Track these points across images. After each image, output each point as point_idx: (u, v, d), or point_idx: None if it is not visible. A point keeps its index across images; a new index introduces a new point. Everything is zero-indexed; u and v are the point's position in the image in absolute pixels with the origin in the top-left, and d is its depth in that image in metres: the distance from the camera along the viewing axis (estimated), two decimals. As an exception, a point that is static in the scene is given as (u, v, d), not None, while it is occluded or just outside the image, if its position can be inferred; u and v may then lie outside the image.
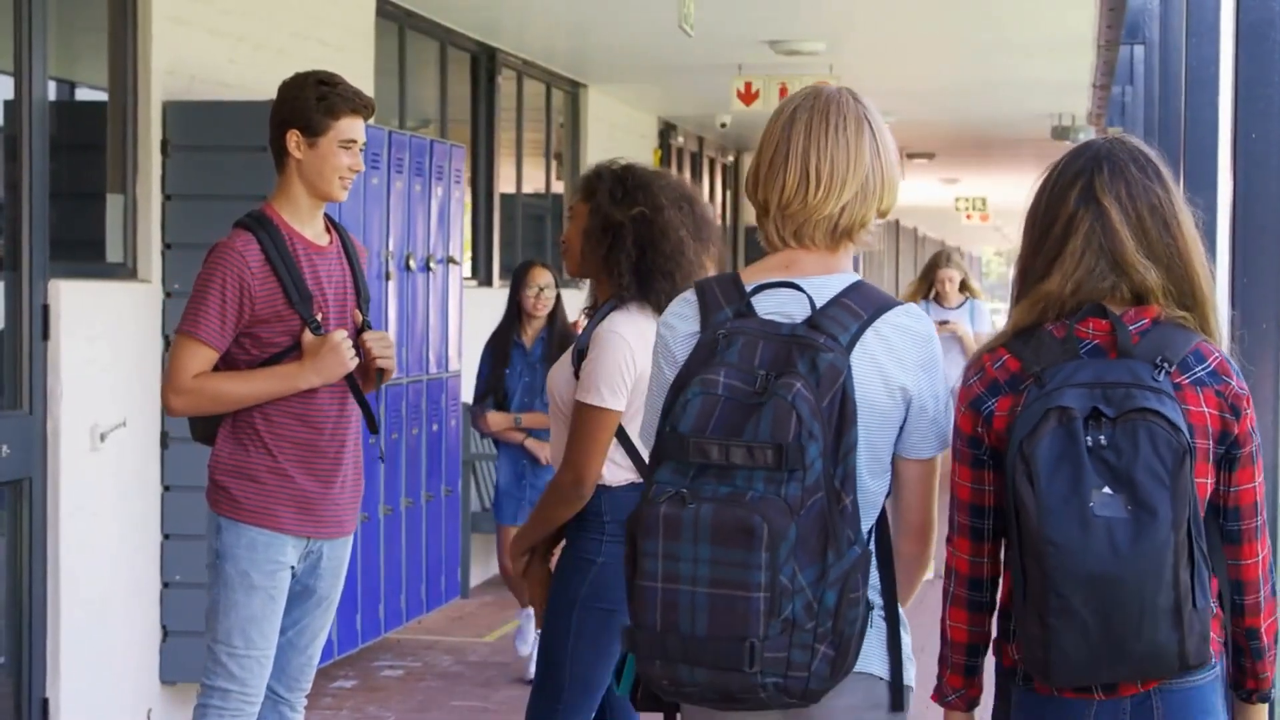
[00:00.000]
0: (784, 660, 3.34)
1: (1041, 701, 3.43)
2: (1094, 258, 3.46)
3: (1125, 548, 3.22)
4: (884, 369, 3.56)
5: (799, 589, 3.34)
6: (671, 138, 18.96)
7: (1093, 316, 3.45)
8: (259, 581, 5.40)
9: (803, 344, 3.46)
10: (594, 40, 13.47)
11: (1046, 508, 3.26)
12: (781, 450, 3.35)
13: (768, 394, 3.39)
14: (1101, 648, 3.26)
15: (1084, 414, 3.30)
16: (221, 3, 8.64)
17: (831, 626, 3.36)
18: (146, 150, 8.09)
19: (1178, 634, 3.24)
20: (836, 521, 3.38)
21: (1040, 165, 3.74)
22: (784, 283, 3.59)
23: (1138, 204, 3.50)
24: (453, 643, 10.46)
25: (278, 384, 5.40)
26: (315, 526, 5.49)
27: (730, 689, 3.37)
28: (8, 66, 7.24)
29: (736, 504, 3.34)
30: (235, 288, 5.34)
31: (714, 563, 3.34)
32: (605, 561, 5.34)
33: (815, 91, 3.66)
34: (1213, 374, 3.43)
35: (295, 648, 5.62)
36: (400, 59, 11.47)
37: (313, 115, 5.44)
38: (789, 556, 3.33)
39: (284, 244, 5.42)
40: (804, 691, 3.37)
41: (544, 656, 5.41)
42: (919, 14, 12.26)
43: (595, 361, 5.26)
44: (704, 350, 3.52)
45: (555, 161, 15.44)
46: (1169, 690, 3.37)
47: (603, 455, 5.28)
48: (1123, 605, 3.23)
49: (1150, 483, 3.24)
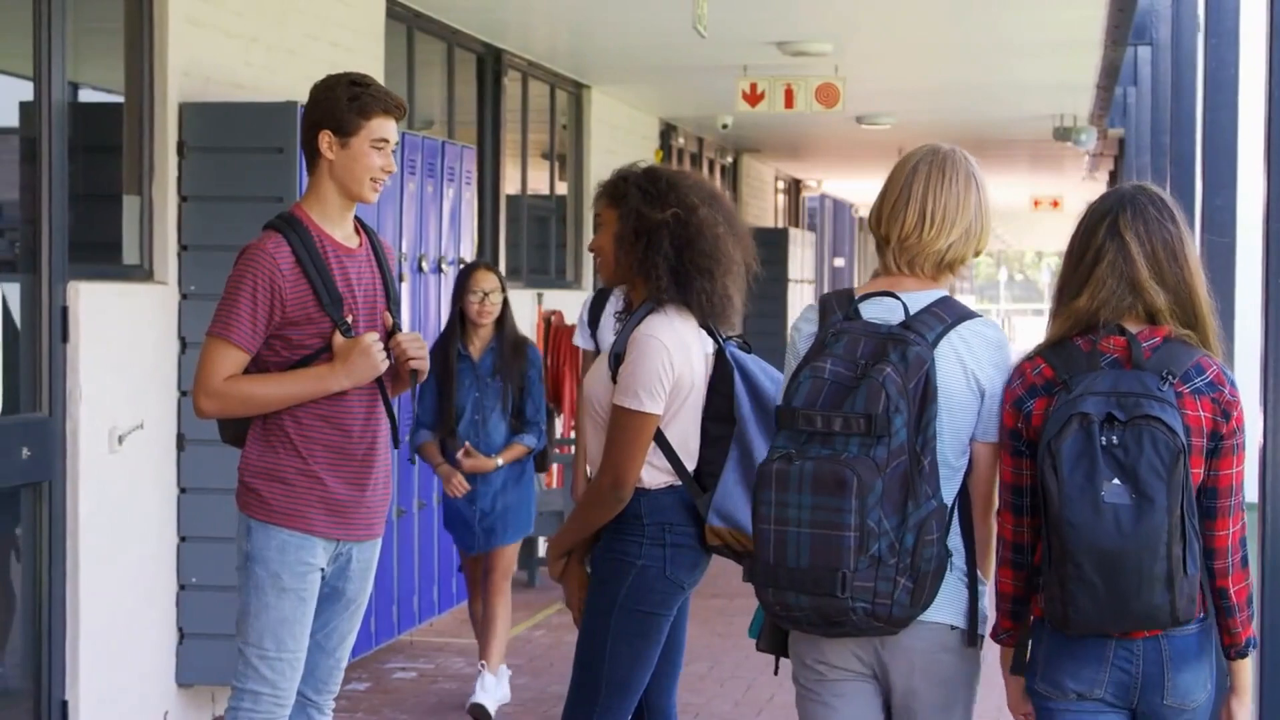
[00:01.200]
0: (871, 589, 4.17)
1: (1070, 641, 4.23)
2: (1116, 281, 4.26)
3: (1128, 528, 4.07)
4: (964, 364, 4.35)
5: (883, 532, 4.18)
6: (672, 138, 18.97)
7: (1113, 334, 4.23)
8: (290, 584, 5.38)
9: (896, 339, 4.28)
10: (599, 41, 13.46)
11: (1067, 495, 4.09)
12: (871, 420, 4.19)
13: (865, 377, 4.23)
14: (1107, 606, 4.10)
15: (1100, 418, 4.10)
16: (235, 4, 8.63)
17: (910, 563, 4.19)
18: (163, 152, 8.08)
19: (1169, 596, 4.08)
20: (916, 479, 4.22)
21: (1037, 166, 4.59)
22: (885, 293, 4.41)
23: (1153, 239, 4.26)
24: (463, 645, 10.44)
25: (308, 386, 5.38)
26: (345, 529, 5.47)
27: (828, 612, 4.18)
28: (26, 69, 7.22)
29: (833, 461, 4.19)
30: (266, 290, 5.32)
31: (814, 508, 4.19)
32: (645, 564, 5.34)
33: (934, 149, 4.46)
34: (1210, 384, 4.22)
35: (324, 650, 5.60)
36: (408, 60, 11.46)
37: (345, 115, 5.41)
38: (875, 505, 4.17)
39: (314, 246, 5.40)
40: (889, 617, 4.18)
41: (581, 659, 5.41)
42: (924, 15, 12.26)
43: (633, 365, 5.26)
44: (817, 344, 4.36)
45: (559, 163, 15.44)
46: (1172, 636, 4.20)
47: (641, 458, 5.29)
48: (1125, 573, 4.08)
49: (1150, 476, 4.07)
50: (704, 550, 5.39)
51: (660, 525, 5.33)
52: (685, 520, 5.35)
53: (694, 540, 5.36)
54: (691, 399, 5.35)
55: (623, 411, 5.26)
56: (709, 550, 5.39)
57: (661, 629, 5.42)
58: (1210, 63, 7.31)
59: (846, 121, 17.83)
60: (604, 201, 5.43)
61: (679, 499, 5.35)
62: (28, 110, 7.25)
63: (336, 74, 5.56)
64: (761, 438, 5.33)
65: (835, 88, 13.70)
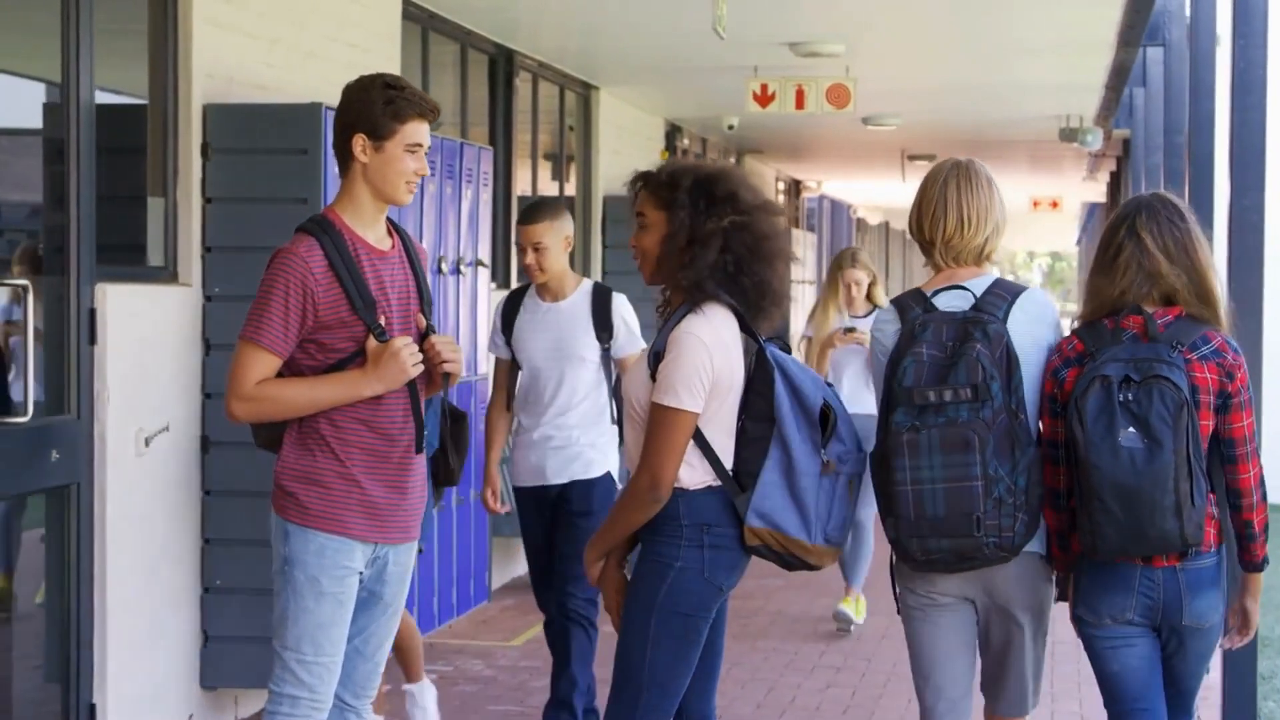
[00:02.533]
0: (997, 526, 5.15)
1: (1106, 569, 5.22)
2: (1134, 272, 5.26)
3: (1141, 467, 5.02)
4: (1031, 329, 5.34)
5: (1000, 478, 5.15)
6: (677, 139, 18.96)
7: (1132, 314, 5.23)
8: (328, 587, 5.36)
9: (975, 321, 5.25)
10: (611, 42, 13.44)
11: (1091, 441, 5.06)
12: (975, 389, 5.16)
13: (959, 355, 5.19)
14: (1127, 531, 5.04)
15: (1118, 379, 5.07)
16: (257, 5, 8.60)
17: (1025, 501, 5.18)
18: (187, 153, 8.05)
19: (1178, 523, 5.01)
20: (1017, 431, 5.19)
21: (1037, 166, 5.46)
22: (953, 286, 5.41)
23: (1165, 237, 5.26)
24: (481, 647, 10.43)
25: (341, 391, 5.35)
26: (382, 532, 5.44)
27: (964, 550, 5.18)
28: (53, 71, 7.19)
29: (953, 426, 5.16)
30: (298, 293, 5.29)
31: (945, 466, 5.15)
32: (683, 566, 5.32)
33: (956, 162, 5.49)
34: (1215, 351, 5.20)
35: (362, 655, 5.58)
36: (423, 61, 11.44)
37: (379, 119, 5.38)
38: (991, 457, 5.14)
39: (346, 248, 5.37)
40: (1013, 546, 5.19)
41: (621, 663, 5.40)
42: (938, 15, 12.25)
43: (673, 363, 5.25)
44: (906, 336, 5.30)
45: (568, 164, 15.42)
46: (1187, 568, 5.18)
47: (679, 457, 5.27)
48: (1140, 504, 5.02)
49: (1159, 424, 5.02)
50: (743, 551, 5.38)
51: (698, 527, 5.32)
52: (724, 521, 5.33)
53: (733, 542, 5.35)
54: (730, 399, 5.34)
55: (661, 409, 5.25)
56: (748, 551, 5.38)
57: (701, 631, 5.41)
58: (1239, 63, 7.31)
59: (852, 122, 17.82)
60: (651, 203, 5.39)
61: (717, 500, 5.33)
62: (55, 112, 7.22)
63: (370, 75, 5.53)
64: (802, 437, 5.31)
65: (846, 88, 13.69)
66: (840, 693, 9.42)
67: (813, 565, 5.41)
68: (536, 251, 7.60)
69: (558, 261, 7.63)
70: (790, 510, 5.32)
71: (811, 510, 5.32)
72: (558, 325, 7.64)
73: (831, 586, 12.15)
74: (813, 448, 5.32)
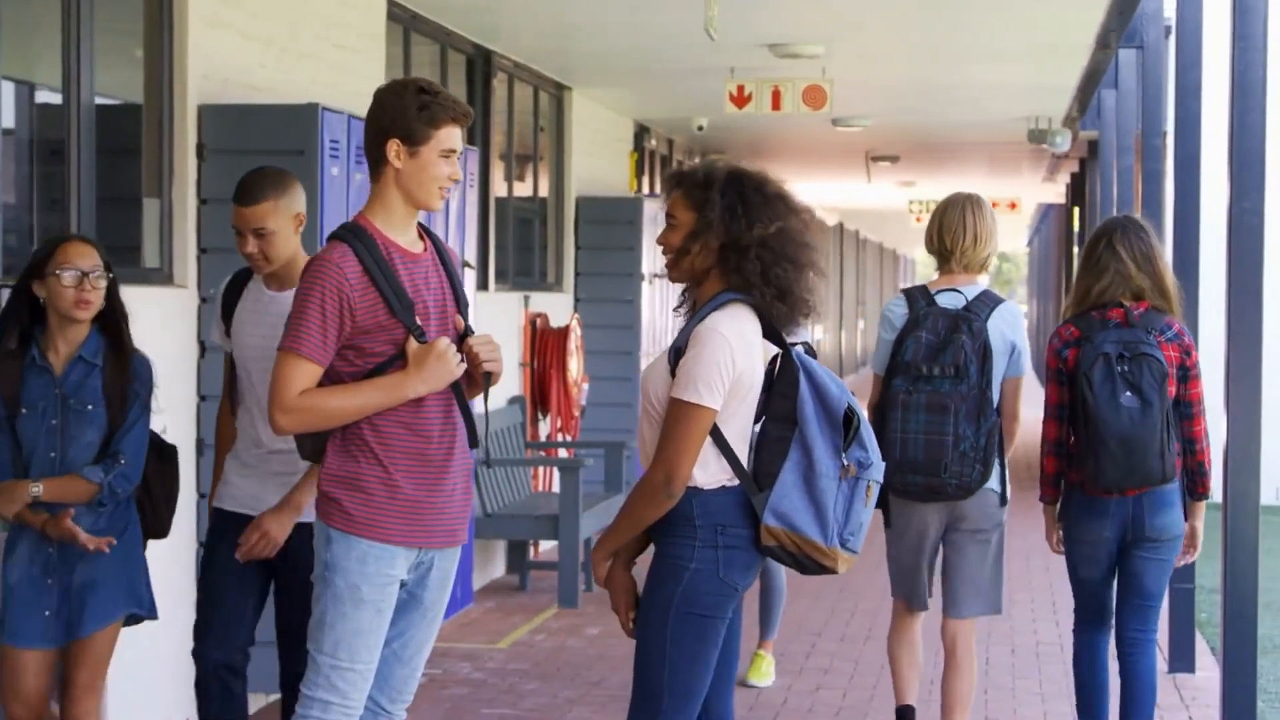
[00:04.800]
0: (960, 471, 7.04)
1: (1091, 498, 7.08)
2: (1111, 276, 7.10)
3: (1138, 421, 6.89)
4: (1003, 331, 7.20)
5: (966, 436, 7.03)
6: (645, 140, 18.94)
7: (1113, 308, 7.07)
8: (368, 595, 5.30)
9: (964, 318, 7.13)
10: (588, 42, 13.41)
11: (1099, 401, 6.90)
12: (957, 368, 7.03)
13: (948, 342, 7.06)
14: (1124, 469, 6.90)
15: (1115, 356, 6.93)
16: (251, 5, 8.56)
17: (983, 455, 7.06)
18: (183, 154, 8.02)
19: (1161, 462, 6.90)
20: (984, 404, 7.06)
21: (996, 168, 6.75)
22: (951, 289, 7.25)
23: (1135, 250, 7.12)
24: (467, 649, 10.41)
25: (385, 395, 5.30)
26: (425, 537, 5.39)
27: (933, 486, 7.07)
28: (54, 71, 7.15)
29: (937, 394, 7.04)
30: (335, 301, 5.24)
31: (927, 422, 7.03)
32: (698, 567, 5.30)
33: (964, 195, 7.33)
34: (1175, 335, 7.06)
35: (400, 659, 5.53)
36: (405, 62, 11.40)
37: (414, 125, 5.31)
38: (962, 420, 7.01)
39: (380, 254, 5.32)
40: (969, 488, 7.07)
41: (641, 667, 5.36)
42: (919, 18, 12.27)
43: (695, 359, 5.23)
44: (911, 322, 7.16)
45: (541, 165, 15.39)
46: (1151, 492, 7.03)
47: (695, 454, 5.25)
48: (1135, 449, 6.88)
49: (1149, 390, 6.90)
50: (757, 552, 5.36)
51: (713, 527, 5.30)
52: (739, 521, 5.32)
53: (747, 542, 5.33)
54: (750, 398, 5.33)
55: (680, 404, 5.23)
56: (762, 552, 5.36)
57: (718, 632, 5.39)
58: (1238, 65, 7.31)
59: (820, 123, 17.83)
60: (682, 203, 5.36)
61: (732, 499, 5.31)
62: (53, 113, 7.17)
63: (402, 79, 5.49)
64: (824, 440, 5.30)
65: (823, 90, 13.69)
66: (831, 695, 9.42)
67: (828, 568, 5.38)
68: (259, 238, 6.26)
69: (287, 246, 6.29)
70: (808, 512, 5.30)
71: (829, 513, 5.30)
72: (281, 318, 5.67)
73: (808, 587, 12.16)
74: (834, 450, 5.31)
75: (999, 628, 10.82)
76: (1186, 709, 9.16)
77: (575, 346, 14.19)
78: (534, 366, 13.95)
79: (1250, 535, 7.25)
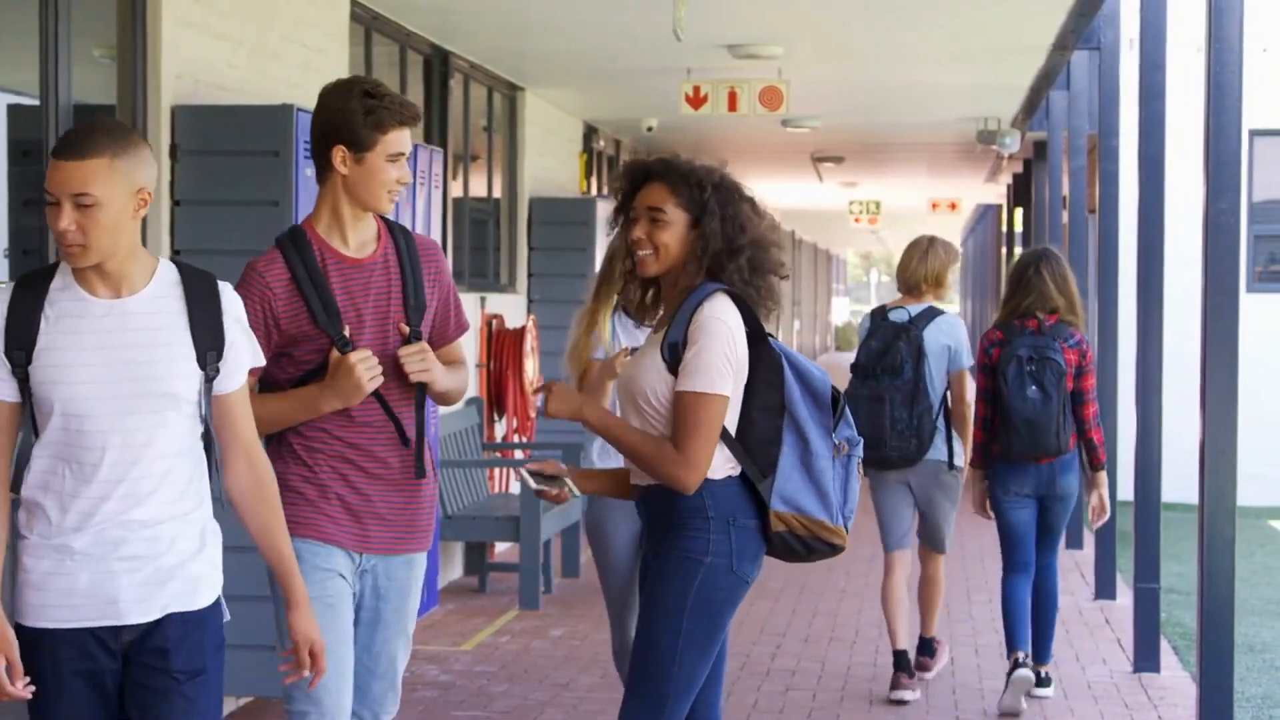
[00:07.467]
0: (899, 446, 9.02)
1: (1011, 467, 8.88)
2: (1034, 294, 8.87)
3: (1040, 409, 8.69)
4: (938, 338, 9.11)
5: (900, 419, 9.00)
6: (594, 141, 18.93)
7: (1030, 318, 8.84)
8: (312, 591, 5.18)
9: (905, 329, 9.10)
10: (544, 43, 13.38)
11: (1012, 393, 8.70)
12: (894, 368, 9.01)
13: (890, 348, 9.03)
14: (1028, 444, 8.71)
15: (1026, 357, 8.70)
16: (221, 5, 8.51)
17: (917, 433, 9.04)
18: (156, 155, 7.92)
19: (1058, 440, 8.70)
20: (916, 394, 9.01)
21: (938, 168, 10.49)
22: (900, 307, 9.23)
23: (1055, 274, 8.88)
24: (432, 652, 10.37)
25: (300, 408, 5.25)
26: (364, 542, 5.35)
27: (880, 457, 9.03)
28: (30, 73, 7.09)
29: (879, 386, 9.05)
30: (258, 309, 5.18)
31: (872, 408, 8.99)
32: (713, 560, 5.31)
33: (928, 237, 9.36)
34: (1076, 343, 8.79)
35: (373, 673, 5.48)
36: (366, 62, 11.35)
37: (360, 131, 5.21)
38: (898, 407, 9.00)
39: (314, 261, 5.25)
40: (909, 458, 9.08)
41: (647, 659, 5.34)
42: (877, 20, 12.30)
43: (705, 349, 5.24)
44: (869, 333, 9.17)
45: (495, 165, 15.36)
46: (1058, 461, 8.82)
47: (715, 444, 5.26)
48: (1037, 430, 8.69)
49: (1050, 385, 8.67)
50: (764, 541, 5.37)
51: (725, 519, 5.31)
52: (747, 512, 5.34)
53: (755, 533, 5.36)
54: (742, 383, 5.35)
55: (695, 396, 5.24)
56: (770, 540, 5.36)
57: (725, 628, 5.42)
58: (1213, 67, 7.34)
59: (770, 124, 17.85)
60: (673, 200, 5.34)
61: (738, 489, 5.34)
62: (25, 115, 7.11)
63: (346, 81, 5.37)
64: (815, 423, 5.36)
65: (779, 90, 13.71)
66: (800, 695, 9.44)
67: (837, 546, 5.41)
68: (78, 210, 4.33)
69: (119, 231, 4.38)
70: (811, 493, 5.35)
71: (830, 492, 5.36)
72: (124, 338, 4.45)
73: (769, 588, 12.19)
74: (825, 431, 5.38)
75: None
76: (1155, 708, 9.22)
77: (531, 348, 14.16)
78: (490, 368, 13.92)
79: (1227, 537, 7.24)
